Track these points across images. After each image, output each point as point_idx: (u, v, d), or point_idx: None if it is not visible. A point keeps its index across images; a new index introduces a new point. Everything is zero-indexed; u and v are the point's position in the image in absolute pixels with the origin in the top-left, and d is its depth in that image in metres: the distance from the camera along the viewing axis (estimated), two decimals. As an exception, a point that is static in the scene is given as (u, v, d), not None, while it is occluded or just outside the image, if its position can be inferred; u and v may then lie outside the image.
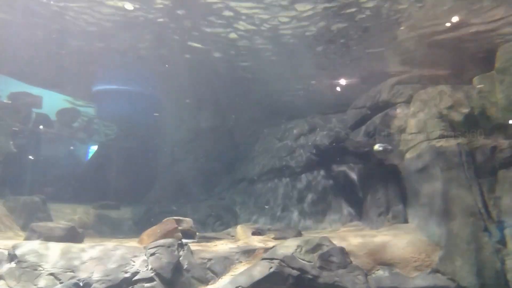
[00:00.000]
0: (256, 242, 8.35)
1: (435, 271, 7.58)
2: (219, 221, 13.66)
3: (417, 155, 9.01)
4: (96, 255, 6.80)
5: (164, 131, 17.35)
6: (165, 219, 8.31)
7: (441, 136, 8.70)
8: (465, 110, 8.65)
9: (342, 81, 12.85)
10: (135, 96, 16.03)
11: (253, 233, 9.20)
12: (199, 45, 10.99)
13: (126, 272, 6.57)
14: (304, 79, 13.18)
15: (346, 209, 11.69)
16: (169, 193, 15.66)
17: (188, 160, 16.00)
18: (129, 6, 9.09)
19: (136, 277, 6.54)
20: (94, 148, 21.80)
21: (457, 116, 8.71)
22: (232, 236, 9.71)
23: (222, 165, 15.62)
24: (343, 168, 11.82)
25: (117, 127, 20.17)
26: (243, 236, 9.00)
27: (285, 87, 13.89)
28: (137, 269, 6.64)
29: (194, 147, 16.20)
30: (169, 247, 7.09)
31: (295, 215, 13.12)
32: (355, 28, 9.57)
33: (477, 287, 7.15)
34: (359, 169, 11.37)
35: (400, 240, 8.33)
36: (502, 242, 7.44)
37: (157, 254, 6.89)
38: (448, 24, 8.89)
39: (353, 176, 11.69)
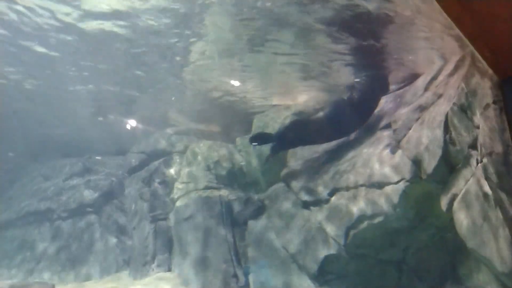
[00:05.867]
0: (-12, 304, 6.86)
1: (189, 319, 7.85)
2: None
3: (186, 204, 9.47)
4: None
5: None
6: None
7: (207, 188, 9.46)
8: (228, 166, 9.72)
9: (129, 122, 12.62)
10: None
11: (-12, 293, 7.58)
12: None
13: None
14: (87, 113, 12.28)
15: (115, 258, 11.09)
16: None
17: None
18: None
19: None
20: None
21: (221, 171, 9.69)
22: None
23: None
24: (115, 215, 11.33)
25: None
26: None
27: (61, 120, 12.59)
28: None
29: None
30: None
31: (56, 265, 11.63)
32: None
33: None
34: (133, 216, 11.10)
35: (159, 290, 8.36)
36: (247, 286, 8.37)
37: None
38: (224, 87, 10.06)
39: (125, 222, 11.32)
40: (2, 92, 10.95)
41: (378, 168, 6.09)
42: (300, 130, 7.92)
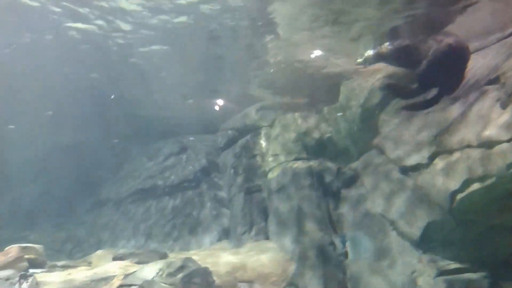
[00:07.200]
0: (116, 268, 7.89)
1: (290, 284, 8.15)
2: (78, 247, 12.55)
3: (277, 175, 9.73)
4: None
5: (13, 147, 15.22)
6: (8, 247, 7.44)
7: (297, 159, 9.60)
8: (316, 136, 9.73)
9: (217, 102, 13.22)
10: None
11: (114, 259, 8.70)
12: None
13: None
14: (179, 96, 13.15)
15: (215, 228, 11.87)
16: (19, 217, 13.79)
17: (41, 180, 14.35)
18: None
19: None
20: None
21: (310, 141, 9.74)
22: (90, 263, 9.03)
23: (84, 185, 14.43)
24: (213, 189, 12.07)
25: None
26: (102, 262, 8.45)
27: (159, 103, 13.62)
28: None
29: (49, 166, 14.56)
30: (7, 279, 6.27)
31: (165, 236, 12.82)
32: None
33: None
34: (229, 189, 11.74)
35: (260, 257, 8.81)
36: (344, 254, 8.43)
37: (-9, 289, 6.05)
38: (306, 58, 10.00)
39: (223, 194, 12.02)
40: (106, 84, 12.20)
41: (487, 126, 5.60)
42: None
